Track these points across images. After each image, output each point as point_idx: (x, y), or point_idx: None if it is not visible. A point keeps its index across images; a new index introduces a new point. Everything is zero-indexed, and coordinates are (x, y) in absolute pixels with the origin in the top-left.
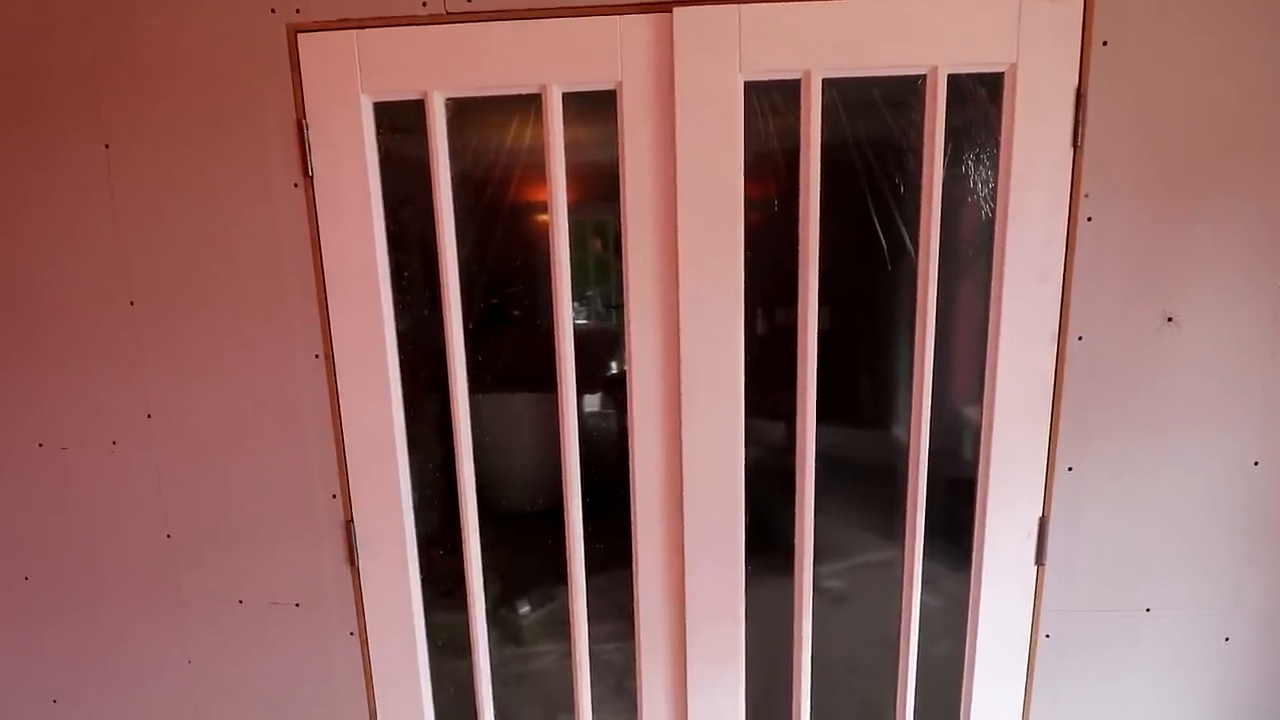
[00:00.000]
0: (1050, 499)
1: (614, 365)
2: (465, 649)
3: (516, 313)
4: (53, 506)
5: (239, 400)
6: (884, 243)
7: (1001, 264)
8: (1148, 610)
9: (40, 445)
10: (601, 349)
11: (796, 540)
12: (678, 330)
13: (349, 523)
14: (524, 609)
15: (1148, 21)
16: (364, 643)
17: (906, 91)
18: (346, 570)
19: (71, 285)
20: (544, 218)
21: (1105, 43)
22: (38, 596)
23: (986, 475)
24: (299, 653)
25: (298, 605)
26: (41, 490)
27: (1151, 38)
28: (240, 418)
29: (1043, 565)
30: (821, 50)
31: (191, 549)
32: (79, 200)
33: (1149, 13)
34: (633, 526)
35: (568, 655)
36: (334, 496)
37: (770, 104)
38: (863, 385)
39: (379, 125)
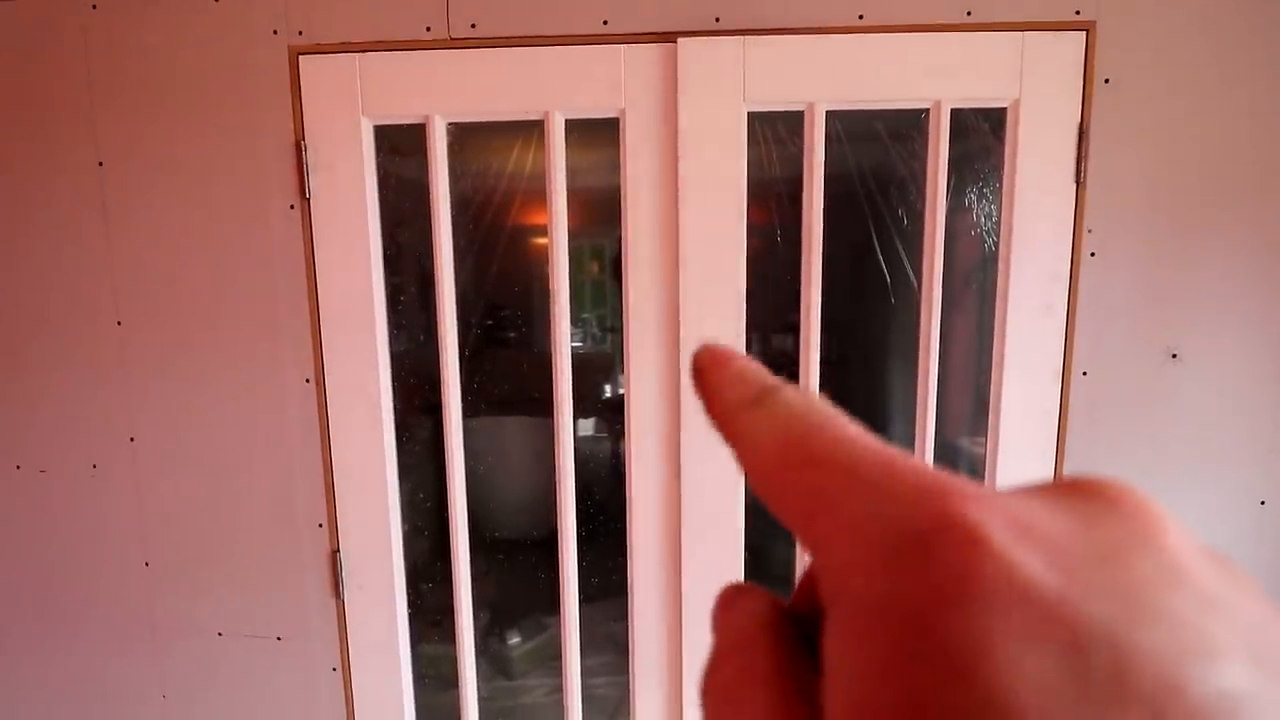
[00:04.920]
0: None
1: (609, 390)
2: (452, 682)
3: (512, 335)
4: (28, 531)
5: (225, 424)
6: (886, 273)
7: (1005, 298)
8: None
9: (18, 467)
10: (598, 373)
11: (798, 574)
12: (678, 357)
13: (335, 553)
14: (514, 640)
15: (1149, 59)
16: (347, 678)
17: (910, 124)
18: (331, 602)
19: (58, 303)
20: (542, 241)
21: (1107, 80)
22: (8, 624)
23: None
24: (279, 688)
25: (279, 638)
26: (17, 514)
27: (1153, 75)
28: (226, 442)
29: None
30: (825, 83)
31: (170, 577)
32: (71, 217)
33: (1151, 51)
34: (628, 556)
35: (558, 689)
36: (320, 525)
37: (774, 133)
38: (864, 416)
39: (379, 148)
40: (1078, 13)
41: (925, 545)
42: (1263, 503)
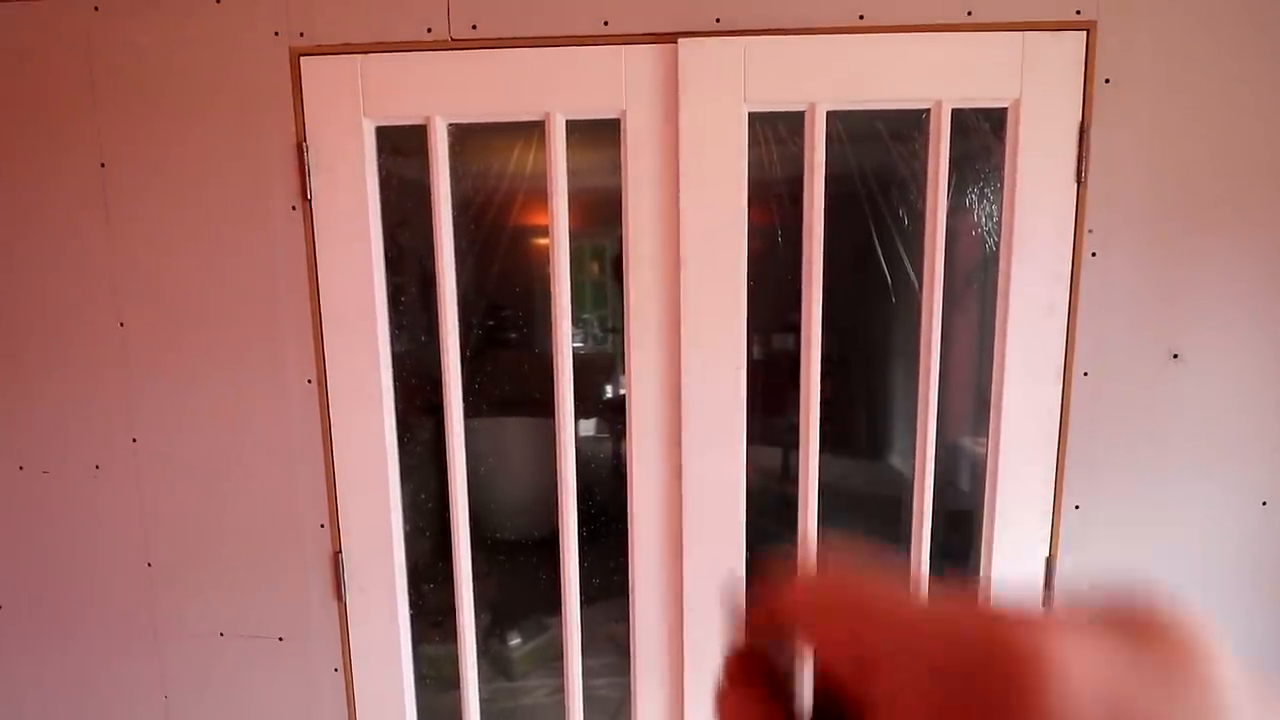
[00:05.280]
0: (1057, 538)
1: (610, 390)
2: (453, 683)
3: (514, 336)
4: (31, 531)
5: (227, 425)
6: (888, 273)
7: (1006, 297)
8: None
9: (21, 468)
10: (599, 373)
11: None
12: (679, 357)
13: (337, 554)
14: (515, 641)
15: (1150, 59)
16: (348, 679)
17: (910, 124)
18: (333, 603)
19: (60, 304)
20: (544, 241)
21: (1108, 80)
22: (10, 624)
23: (992, 513)
24: (280, 689)
25: (281, 639)
26: (20, 514)
27: (1154, 75)
28: (228, 443)
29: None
30: (826, 83)
31: (172, 578)
32: (72, 218)
33: (1152, 51)
34: (630, 557)
35: (560, 690)
36: (322, 526)
37: (774, 133)
38: (866, 416)
39: (380, 148)
40: (1078, 12)
41: (987, 687)
42: (1264, 503)
